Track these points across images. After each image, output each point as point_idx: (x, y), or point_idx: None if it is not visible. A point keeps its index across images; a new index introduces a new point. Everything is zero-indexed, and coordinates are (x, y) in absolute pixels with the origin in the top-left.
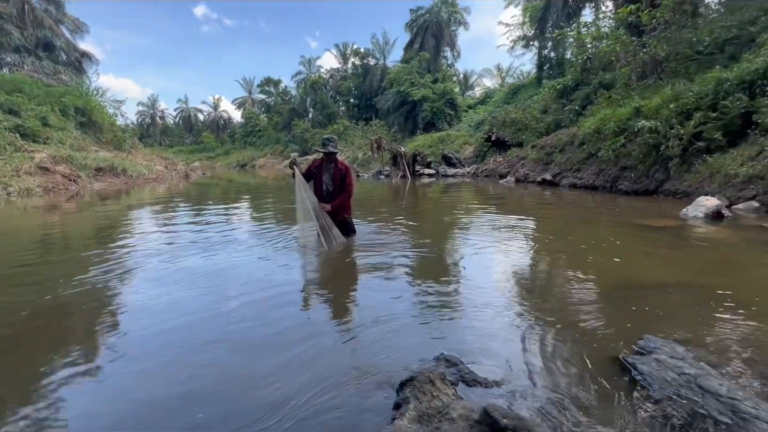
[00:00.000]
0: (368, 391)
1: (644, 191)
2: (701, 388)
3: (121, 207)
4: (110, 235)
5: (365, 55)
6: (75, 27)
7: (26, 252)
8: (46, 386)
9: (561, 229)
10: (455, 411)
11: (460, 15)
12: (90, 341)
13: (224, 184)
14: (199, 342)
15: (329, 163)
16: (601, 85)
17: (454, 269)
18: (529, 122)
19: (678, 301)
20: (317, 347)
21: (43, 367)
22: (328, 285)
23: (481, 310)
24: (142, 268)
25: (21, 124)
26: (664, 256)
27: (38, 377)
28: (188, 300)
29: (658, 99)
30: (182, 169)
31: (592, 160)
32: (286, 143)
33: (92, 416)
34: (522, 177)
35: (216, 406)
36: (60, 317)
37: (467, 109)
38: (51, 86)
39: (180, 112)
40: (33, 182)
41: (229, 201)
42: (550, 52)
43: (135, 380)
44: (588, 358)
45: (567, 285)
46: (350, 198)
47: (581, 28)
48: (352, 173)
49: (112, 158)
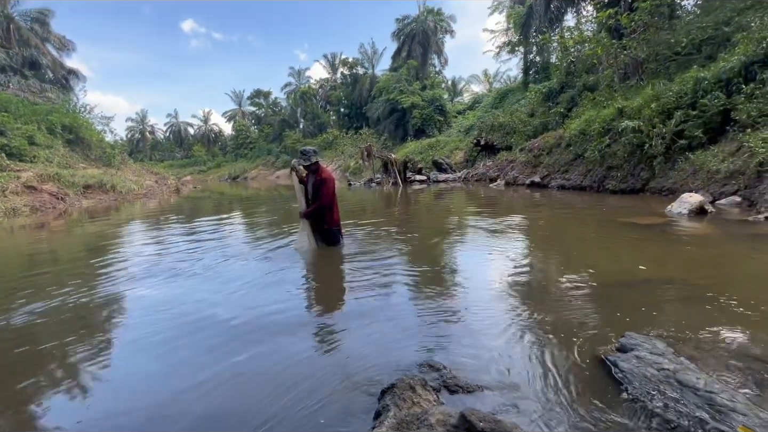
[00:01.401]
0: (351, 400)
1: (631, 190)
2: (679, 382)
3: (109, 224)
4: (96, 253)
5: (354, 65)
6: (61, 45)
7: (14, 270)
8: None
9: (549, 230)
10: (433, 417)
11: (445, 23)
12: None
13: (216, 197)
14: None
15: (312, 173)
16: (585, 88)
17: (442, 273)
18: (516, 126)
19: (663, 297)
20: (304, 356)
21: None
22: (317, 292)
23: (468, 313)
24: (127, 285)
25: (6, 143)
26: (649, 252)
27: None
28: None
29: (640, 99)
30: (173, 183)
31: (579, 161)
32: (277, 154)
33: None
34: (512, 180)
35: (199, 415)
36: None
37: (456, 114)
38: (37, 104)
39: (170, 127)
40: (20, 201)
41: (220, 213)
42: (535, 56)
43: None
44: (573, 358)
45: (553, 284)
46: (323, 208)
47: (564, 32)
48: (329, 183)
49: (101, 175)
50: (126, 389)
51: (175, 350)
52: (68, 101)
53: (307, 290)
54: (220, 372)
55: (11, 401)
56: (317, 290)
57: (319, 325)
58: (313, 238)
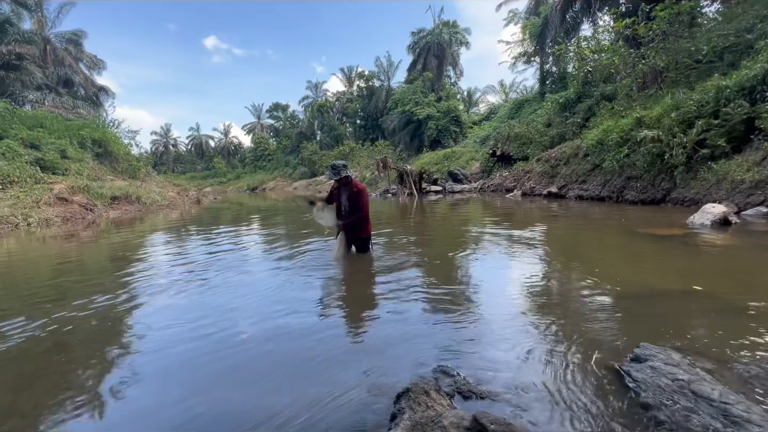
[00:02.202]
0: (367, 403)
1: (651, 200)
2: (694, 393)
3: (134, 234)
4: (124, 260)
5: (370, 78)
6: (93, 64)
7: (44, 279)
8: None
9: (567, 240)
10: (447, 419)
11: (461, 35)
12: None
13: (235, 208)
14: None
15: (344, 186)
16: (603, 97)
17: (458, 282)
18: (533, 136)
19: (682, 309)
20: (325, 359)
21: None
22: (338, 299)
23: (483, 321)
24: (153, 292)
25: (41, 157)
26: (669, 264)
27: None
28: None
29: (659, 108)
30: (194, 195)
31: (597, 172)
32: (295, 166)
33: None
34: (528, 190)
35: (223, 409)
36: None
37: (472, 125)
38: (70, 120)
39: (192, 140)
40: (52, 212)
41: (239, 223)
42: (552, 66)
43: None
44: (586, 367)
45: (572, 294)
46: (363, 218)
47: (581, 42)
48: (365, 195)
49: (127, 186)
50: (151, 392)
51: (197, 354)
52: (98, 117)
53: (327, 297)
54: (239, 369)
55: (39, 404)
56: (336, 297)
57: (337, 330)
58: (345, 247)
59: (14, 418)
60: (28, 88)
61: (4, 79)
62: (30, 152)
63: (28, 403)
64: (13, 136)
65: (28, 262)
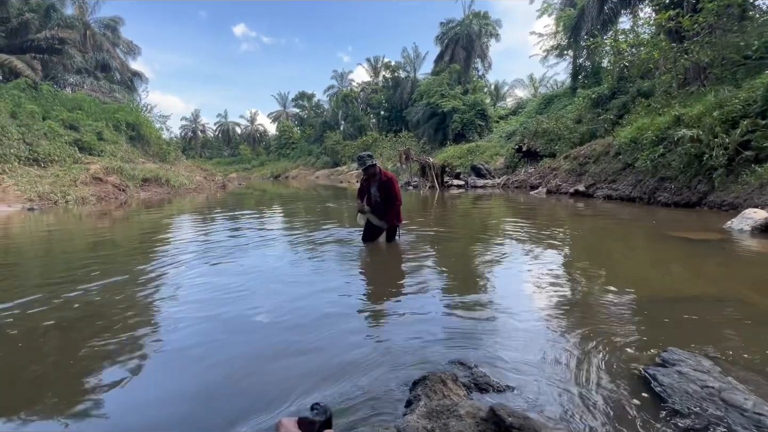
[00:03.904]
0: (383, 389)
1: (685, 203)
2: (725, 401)
3: (168, 213)
4: (154, 239)
5: (396, 68)
6: (128, 49)
7: (85, 252)
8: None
9: (594, 240)
10: (463, 408)
11: (491, 27)
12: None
13: (258, 195)
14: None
15: (373, 176)
16: (639, 94)
17: (483, 279)
18: (562, 132)
19: (714, 317)
20: (343, 344)
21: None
22: (361, 289)
23: (507, 319)
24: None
25: (79, 138)
26: (703, 269)
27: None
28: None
29: (700, 107)
30: (220, 179)
31: (628, 171)
32: (318, 155)
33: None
34: (554, 188)
35: (250, 386)
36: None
37: (498, 119)
38: (106, 104)
39: (219, 126)
40: (88, 191)
41: (262, 208)
42: (585, 60)
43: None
44: (611, 369)
45: (597, 296)
46: (399, 205)
47: (618, 35)
48: (395, 183)
49: (157, 169)
50: (176, 359)
51: (224, 330)
52: (132, 101)
53: (348, 287)
54: (263, 348)
55: (73, 367)
56: (356, 287)
57: (356, 318)
58: (372, 234)
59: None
60: (68, 72)
61: (48, 62)
62: (69, 133)
63: (80, 352)
64: (54, 117)
65: (66, 237)
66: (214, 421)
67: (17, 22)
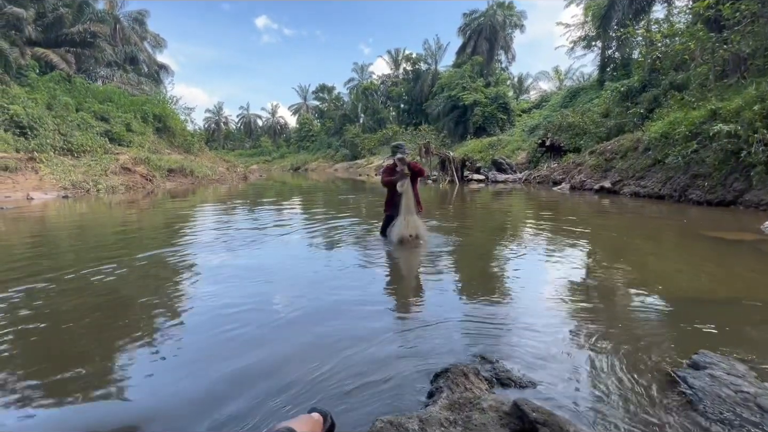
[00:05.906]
0: (405, 380)
1: (719, 202)
2: (760, 407)
3: (189, 204)
4: (180, 225)
5: (417, 61)
6: (156, 42)
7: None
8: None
9: (622, 239)
10: (486, 402)
11: (516, 18)
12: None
13: (278, 186)
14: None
15: (402, 164)
16: (672, 86)
17: (506, 276)
18: (588, 127)
19: (748, 320)
20: (367, 339)
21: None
22: (383, 284)
23: (530, 316)
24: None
25: (110, 129)
26: (736, 271)
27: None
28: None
29: (739, 100)
30: (241, 171)
31: (658, 167)
32: (337, 148)
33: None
34: (578, 184)
35: (279, 370)
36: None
37: (521, 113)
38: (135, 96)
39: (242, 118)
40: (117, 181)
41: (282, 200)
42: (614, 52)
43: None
44: (639, 370)
45: (625, 296)
46: (422, 173)
47: (651, 25)
48: (422, 169)
49: (182, 160)
50: (194, 342)
51: (247, 316)
52: (159, 93)
53: (367, 281)
54: (288, 339)
55: (99, 340)
56: (378, 282)
57: (380, 313)
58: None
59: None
60: (99, 65)
61: (80, 55)
62: (100, 124)
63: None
64: (86, 108)
65: (97, 224)
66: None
67: (53, 17)
